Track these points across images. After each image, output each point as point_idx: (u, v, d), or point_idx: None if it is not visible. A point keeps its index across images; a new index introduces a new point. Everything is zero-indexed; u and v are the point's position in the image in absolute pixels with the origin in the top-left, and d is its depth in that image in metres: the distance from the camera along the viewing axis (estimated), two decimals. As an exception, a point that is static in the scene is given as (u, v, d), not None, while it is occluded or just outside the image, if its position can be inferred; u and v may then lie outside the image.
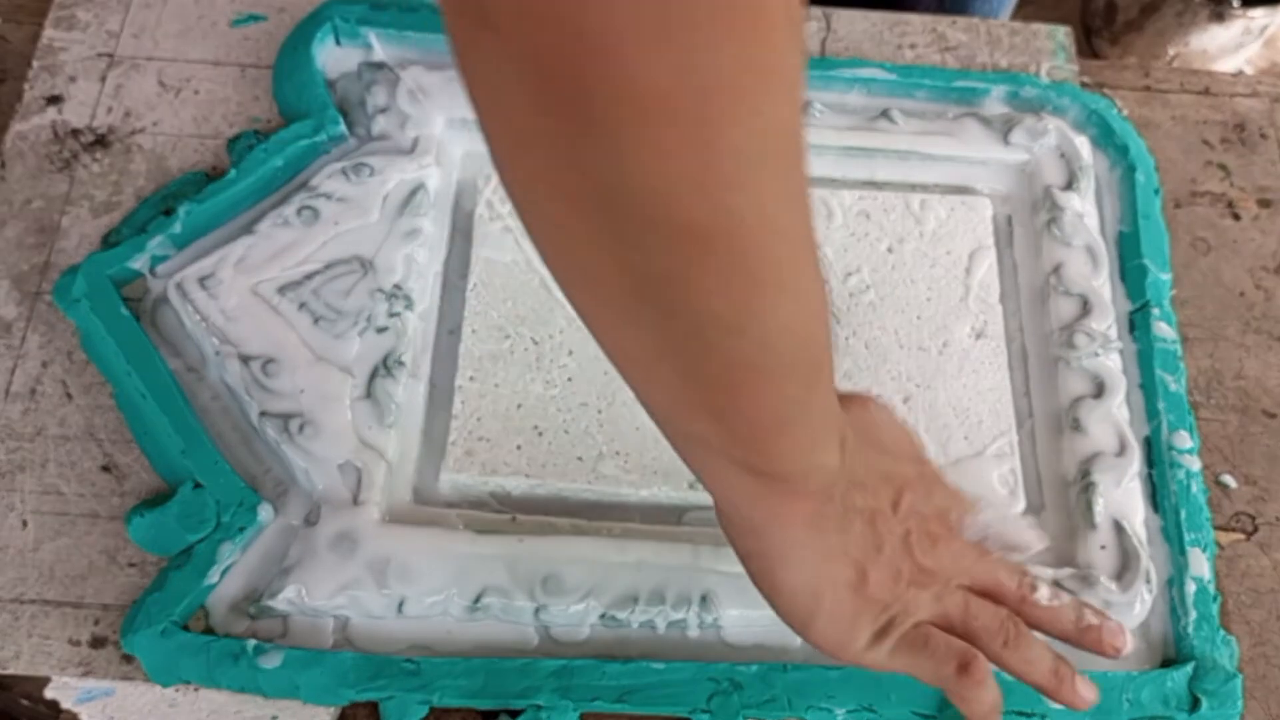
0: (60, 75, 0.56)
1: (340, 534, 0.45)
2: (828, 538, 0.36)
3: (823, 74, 0.57)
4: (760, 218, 0.26)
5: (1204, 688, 0.44)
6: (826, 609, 0.37)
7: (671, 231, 0.25)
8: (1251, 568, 0.49)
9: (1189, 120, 0.60)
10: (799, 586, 0.37)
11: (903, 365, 0.51)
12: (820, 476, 0.35)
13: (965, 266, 0.53)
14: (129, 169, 0.54)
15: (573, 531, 0.47)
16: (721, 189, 0.25)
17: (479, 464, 0.47)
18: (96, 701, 0.44)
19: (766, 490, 0.34)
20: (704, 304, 0.27)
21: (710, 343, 0.28)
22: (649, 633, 0.45)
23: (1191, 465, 0.49)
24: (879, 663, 0.38)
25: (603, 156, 0.24)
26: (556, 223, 0.27)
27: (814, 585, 0.36)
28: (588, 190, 0.25)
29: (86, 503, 0.47)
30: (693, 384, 0.30)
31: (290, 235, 0.50)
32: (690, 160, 0.24)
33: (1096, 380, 0.50)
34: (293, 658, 0.43)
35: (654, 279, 0.26)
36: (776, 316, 0.29)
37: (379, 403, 0.47)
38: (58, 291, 0.50)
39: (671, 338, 0.28)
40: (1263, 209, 0.58)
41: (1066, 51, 0.60)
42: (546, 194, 0.26)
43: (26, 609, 0.45)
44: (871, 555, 0.37)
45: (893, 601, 0.38)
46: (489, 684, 0.43)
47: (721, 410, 0.31)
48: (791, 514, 0.35)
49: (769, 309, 0.28)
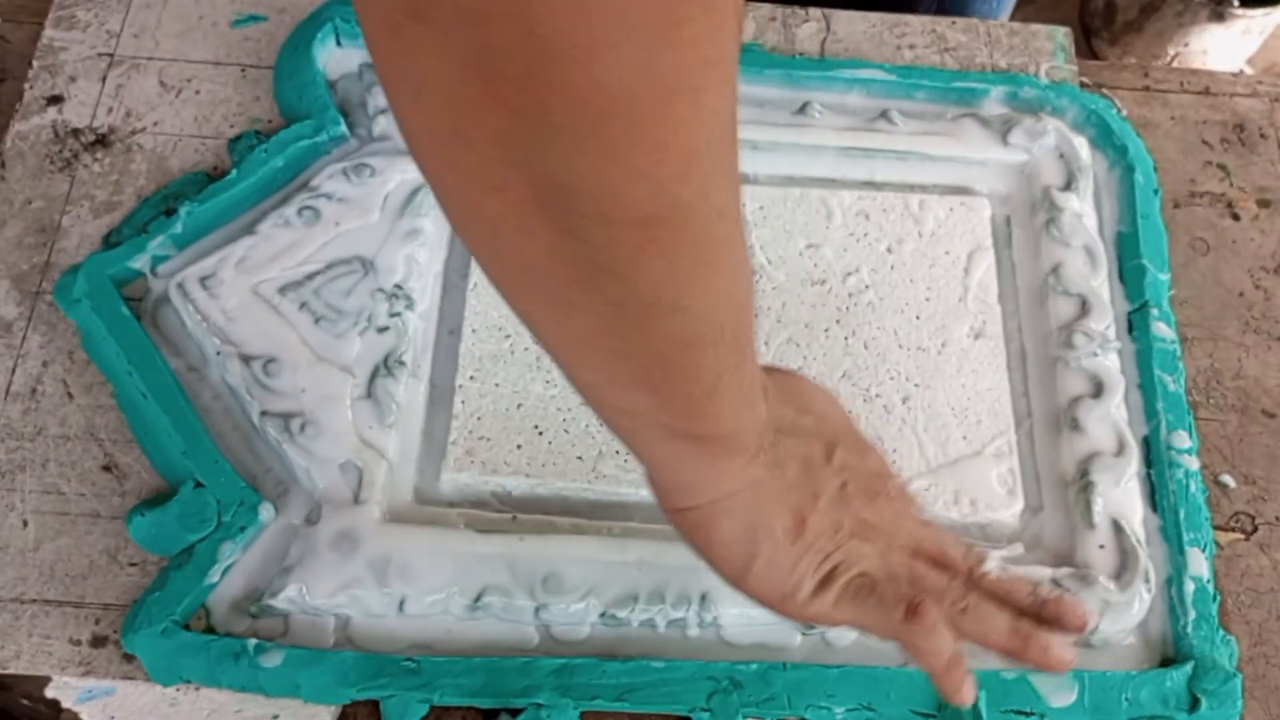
0: (61, 75, 0.56)
1: (341, 533, 0.45)
2: (762, 487, 0.36)
3: (822, 75, 0.57)
4: (705, 203, 0.26)
5: (1203, 687, 0.44)
6: (765, 555, 0.36)
7: (618, 224, 0.25)
8: (1251, 567, 0.49)
9: (1188, 120, 0.60)
10: (735, 535, 0.36)
11: (902, 365, 0.51)
12: (750, 433, 0.35)
13: (964, 267, 0.53)
14: (130, 169, 0.54)
15: (573, 531, 0.47)
16: (672, 181, 0.25)
17: (479, 463, 0.47)
18: (97, 701, 0.44)
19: (699, 451, 0.34)
20: (647, 288, 0.27)
21: (649, 322, 0.28)
22: (649, 632, 0.45)
23: (1190, 465, 0.49)
24: (824, 614, 0.37)
25: (550, 155, 0.23)
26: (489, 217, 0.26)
27: (751, 533, 0.36)
28: (530, 187, 0.24)
29: (87, 502, 0.47)
30: (628, 361, 0.30)
31: (291, 235, 0.50)
32: (643, 158, 0.24)
33: (1095, 380, 0.50)
34: (294, 657, 0.43)
35: (595, 268, 0.26)
36: (714, 290, 0.29)
37: (380, 402, 0.48)
38: (58, 291, 0.50)
39: (609, 321, 0.28)
40: (1262, 209, 0.58)
41: (1066, 52, 0.61)
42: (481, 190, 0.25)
43: (27, 609, 0.45)
44: (808, 501, 0.37)
45: (834, 550, 0.37)
46: (489, 683, 0.43)
47: (657, 383, 0.31)
48: (725, 470, 0.35)
49: (707, 284, 0.28)
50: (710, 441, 0.34)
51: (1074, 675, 0.44)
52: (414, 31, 0.22)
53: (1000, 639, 0.37)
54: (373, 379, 0.48)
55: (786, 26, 0.61)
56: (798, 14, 0.61)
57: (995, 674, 0.44)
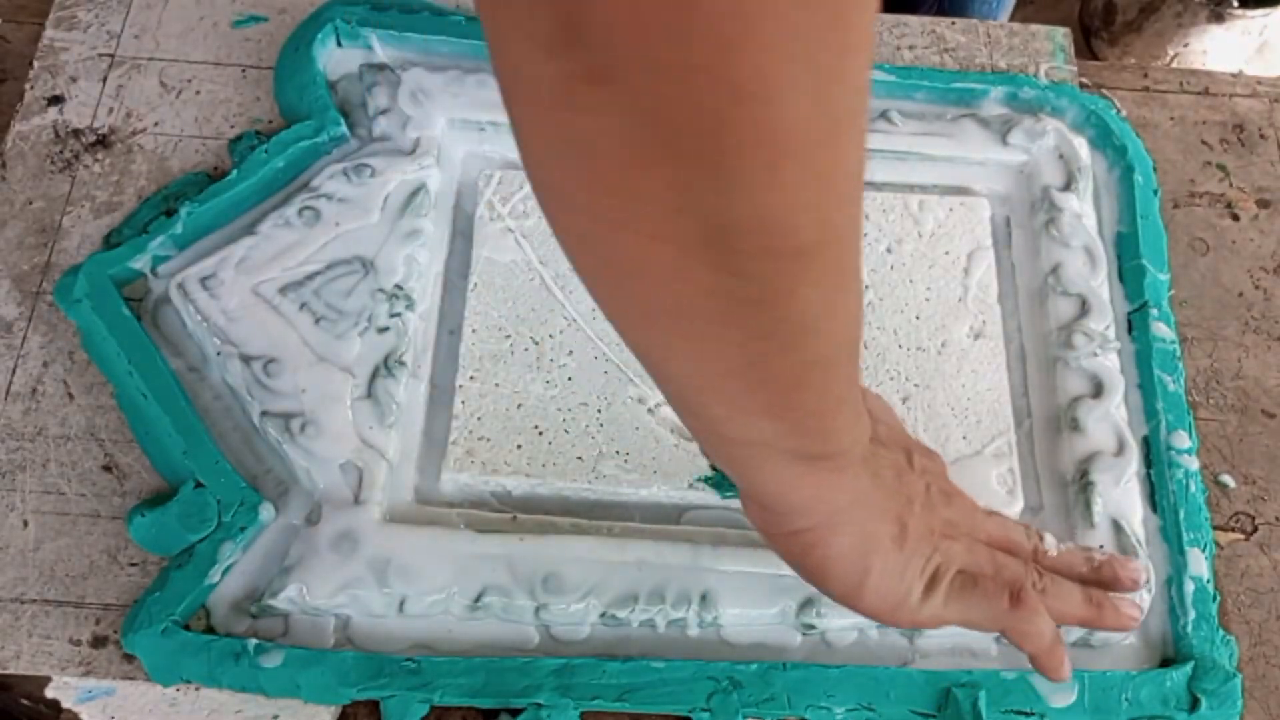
0: (61, 76, 0.56)
1: (341, 533, 0.45)
2: (868, 499, 0.37)
3: (822, 75, 0.57)
4: (855, 226, 0.27)
5: (1203, 687, 0.45)
6: (878, 566, 0.37)
7: (780, 256, 0.25)
8: (1251, 567, 0.49)
9: (1188, 121, 0.60)
10: (848, 552, 0.37)
11: (901, 365, 0.51)
12: (860, 446, 0.36)
13: (964, 267, 0.53)
14: (130, 169, 0.54)
15: (573, 531, 0.47)
16: (833, 209, 0.25)
17: (479, 463, 0.47)
18: (97, 701, 0.44)
19: (813, 469, 0.34)
20: (796, 316, 0.27)
21: (790, 348, 0.28)
22: (649, 632, 0.45)
23: (1190, 465, 0.49)
24: (936, 616, 0.38)
25: (725, 198, 0.23)
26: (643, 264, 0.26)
27: (862, 547, 0.37)
28: (698, 231, 0.24)
29: (88, 502, 0.47)
30: (763, 390, 0.30)
31: (291, 236, 0.51)
32: (812, 189, 0.24)
33: (1095, 380, 0.50)
34: (294, 657, 0.43)
35: (750, 302, 0.26)
36: (848, 311, 0.29)
37: (380, 402, 0.48)
38: (59, 291, 0.50)
39: (752, 353, 0.28)
40: (1262, 209, 0.58)
41: (1065, 52, 0.61)
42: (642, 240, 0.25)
43: (27, 609, 0.45)
44: (906, 508, 0.38)
45: (933, 553, 0.38)
46: (490, 683, 0.43)
47: (788, 407, 0.31)
48: (835, 486, 0.35)
49: (845, 305, 0.29)
50: (827, 459, 0.34)
51: (1074, 675, 0.44)
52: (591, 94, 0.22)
53: (1079, 610, 0.40)
54: (373, 379, 0.48)
55: (786, 27, 0.61)
56: (797, 14, 0.61)
57: (995, 674, 0.44)
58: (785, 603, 0.45)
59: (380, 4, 0.57)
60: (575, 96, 0.22)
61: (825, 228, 0.25)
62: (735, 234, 0.24)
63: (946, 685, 0.44)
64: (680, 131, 0.22)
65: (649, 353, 0.30)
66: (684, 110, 0.21)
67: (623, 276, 0.27)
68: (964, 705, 0.43)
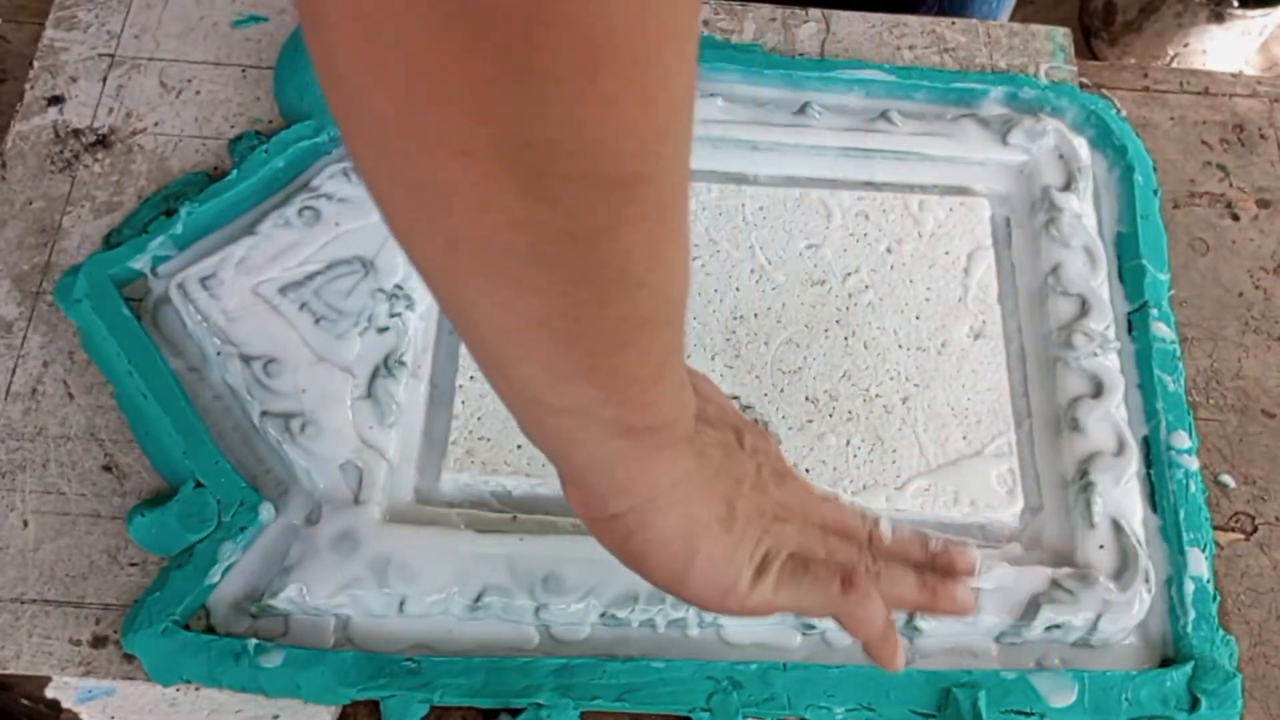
0: (61, 75, 0.56)
1: (341, 533, 0.45)
2: (693, 478, 0.34)
3: (822, 75, 0.57)
4: (680, 165, 0.25)
5: (1203, 687, 0.45)
6: (704, 550, 0.35)
7: (598, 185, 0.23)
8: (1251, 567, 0.49)
9: (1188, 121, 0.60)
10: (672, 535, 0.34)
11: (901, 365, 0.51)
12: (684, 421, 0.34)
13: (964, 267, 0.53)
14: (130, 169, 0.54)
15: (573, 530, 0.47)
16: (655, 139, 0.23)
17: (480, 463, 0.47)
18: (97, 701, 0.44)
19: (638, 444, 0.32)
20: (617, 259, 0.25)
21: (611, 300, 0.26)
22: (649, 631, 0.45)
23: (1190, 465, 0.49)
24: (766, 602, 0.36)
25: (534, 108, 0.21)
26: (444, 189, 0.23)
27: (687, 530, 0.35)
28: (503, 147, 0.22)
29: (88, 502, 0.47)
30: (578, 347, 0.28)
31: (291, 236, 0.51)
32: (634, 109, 0.22)
33: (1095, 380, 0.50)
34: (294, 657, 0.43)
35: (564, 238, 0.24)
36: (673, 263, 0.28)
37: (380, 402, 0.48)
38: (59, 291, 0.50)
39: (566, 301, 0.26)
40: (1262, 209, 0.58)
41: (1065, 52, 0.61)
42: (442, 157, 0.22)
43: (27, 609, 0.45)
44: (734, 489, 0.36)
45: (763, 535, 0.36)
46: (490, 683, 0.43)
47: (607, 370, 0.29)
48: (658, 464, 0.33)
49: (670, 257, 0.27)
50: (649, 433, 0.32)
51: (1074, 675, 0.44)
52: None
53: (913, 595, 0.38)
54: (373, 379, 0.48)
55: (786, 27, 0.61)
56: (797, 14, 0.61)
57: (995, 674, 0.44)
58: (785, 603, 0.45)
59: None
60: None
61: (649, 159, 0.23)
62: (547, 153, 0.22)
63: (946, 685, 0.44)
64: (488, 17, 0.19)
65: (453, 296, 0.27)
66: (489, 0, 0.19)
67: (424, 202, 0.24)
68: (964, 705, 0.43)
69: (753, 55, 0.58)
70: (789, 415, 0.49)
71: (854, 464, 0.48)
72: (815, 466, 0.48)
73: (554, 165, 0.22)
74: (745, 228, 0.53)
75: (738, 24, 0.61)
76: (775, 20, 0.61)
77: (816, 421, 0.49)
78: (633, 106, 0.22)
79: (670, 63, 0.22)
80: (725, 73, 0.57)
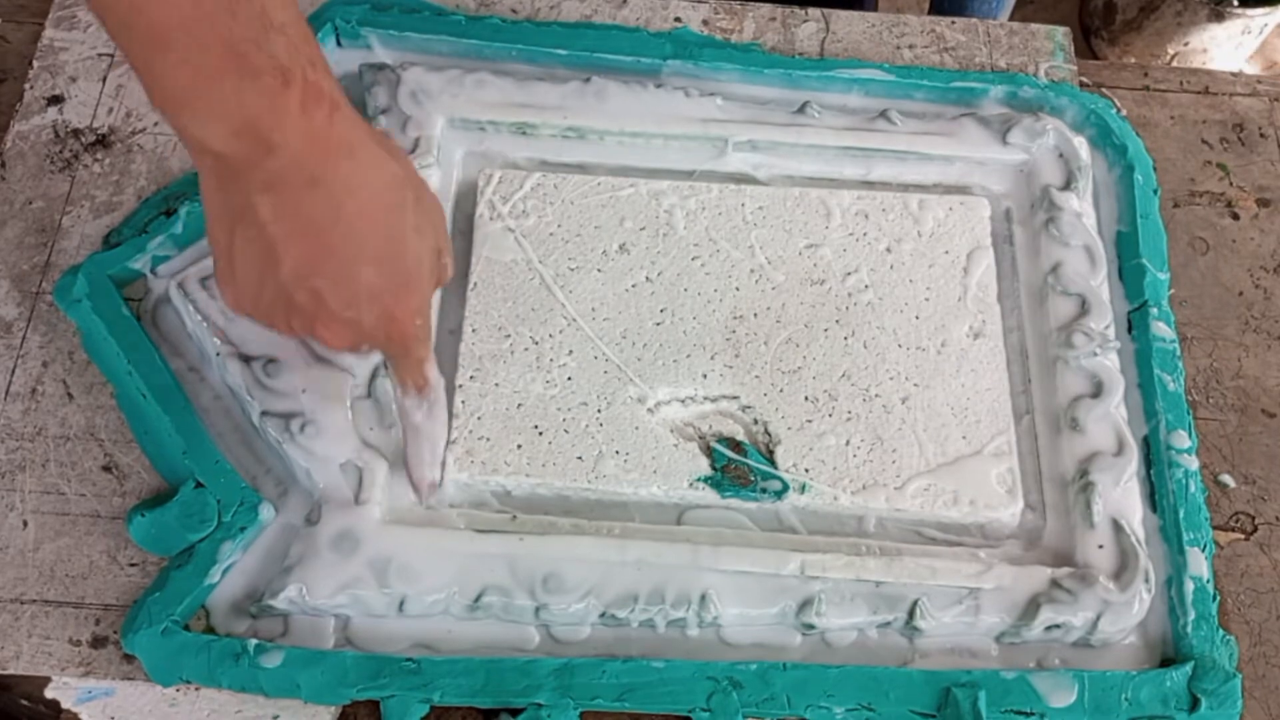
0: (61, 75, 0.56)
1: (341, 533, 0.45)
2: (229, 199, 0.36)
3: (822, 75, 0.57)
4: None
5: (1203, 687, 0.44)
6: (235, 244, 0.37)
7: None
8: (1251, 567, 0.49)
9: (1188, 120, 0.60)
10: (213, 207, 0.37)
11: (901, 365, 0.51)
12: (308, 104, 0.35)
13: (963, 266, 0.53)
14: (130, 169, 0.54)
15: (573, 531, 0.47)
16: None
17: (479, 463, 0.47)
18: (97, 701, 0.44)
19: (238, 79, 0.34)
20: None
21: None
22: (649, 632, 0.45)
23: (1190, 465, 0.49)
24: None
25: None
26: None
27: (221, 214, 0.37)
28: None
29: (87, 502, 0.47)
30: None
31: (291, 235, 0.50)
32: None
33: (1095, 380, 0.50)
34: (294, 657, 0.43)
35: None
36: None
37: (380, 402, 0.48)
38: (59, 291, 0.50)
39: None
40: (1262, 208, 0.58)
41: (1065, 52, 0.61)
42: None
43: (27, 609, 0.45)
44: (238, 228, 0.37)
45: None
46: (490, 682, 0.43)
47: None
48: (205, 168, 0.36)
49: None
50: (261, 74, 0.34)
51: (1074, 675, 0.44)
52: None
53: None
54: (373, 379, 0.48)
55: (786, 27, 0.61)
56: (797, 14, 0.61)
57: (995, 674, 0.44)
58: (785, 603, 0.45)
59: (380, 4, 0.57)
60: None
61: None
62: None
63: (946, 685, 0.44)
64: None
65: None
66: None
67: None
68: (964, 705, 0.43)
69: (753, 55, 0.58)
70: (789, 415, 0.49)
71: (854, 464, 0.48)
72: (815, 466, 0.48)
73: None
74: (745, 228, 0.53)
75: (738, 24, 0.61)
76: (775, 20, 0.61)
77: (816, 421, 0.49)
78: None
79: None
80: (725, 72, 0.57)
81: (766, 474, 0.48)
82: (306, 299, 0.37)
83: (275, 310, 0.38)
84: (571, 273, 0.52)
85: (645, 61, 0.57)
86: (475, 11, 0.59)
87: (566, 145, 0.55)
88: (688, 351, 0.50)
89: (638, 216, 0.53)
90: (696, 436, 0.49)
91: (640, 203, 0.54)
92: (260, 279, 0.37)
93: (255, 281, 0.38)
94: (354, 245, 0.37)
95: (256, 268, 0.37)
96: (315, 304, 0.38)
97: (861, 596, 0.45)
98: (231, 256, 0.38)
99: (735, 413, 0.49)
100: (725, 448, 0.48)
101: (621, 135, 0.55)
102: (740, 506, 0.48)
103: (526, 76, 0.56)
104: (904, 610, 0.45)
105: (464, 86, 0.55)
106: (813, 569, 0.45)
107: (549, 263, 0.52)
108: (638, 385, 0.49)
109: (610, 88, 0.56)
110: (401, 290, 0.38)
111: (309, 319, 0.38)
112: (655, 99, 0.56)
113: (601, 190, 0.54)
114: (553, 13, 0.60)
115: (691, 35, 0.59)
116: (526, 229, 0.53)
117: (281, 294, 0.37)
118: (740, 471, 0.48)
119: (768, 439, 0.49)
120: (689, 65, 0.57)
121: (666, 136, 0.55)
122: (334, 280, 0.37)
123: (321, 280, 0.37)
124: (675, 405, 0.49)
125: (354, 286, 0.37)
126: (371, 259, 0.37)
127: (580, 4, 0.60)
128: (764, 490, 0.47)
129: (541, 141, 0.55)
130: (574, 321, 0.51)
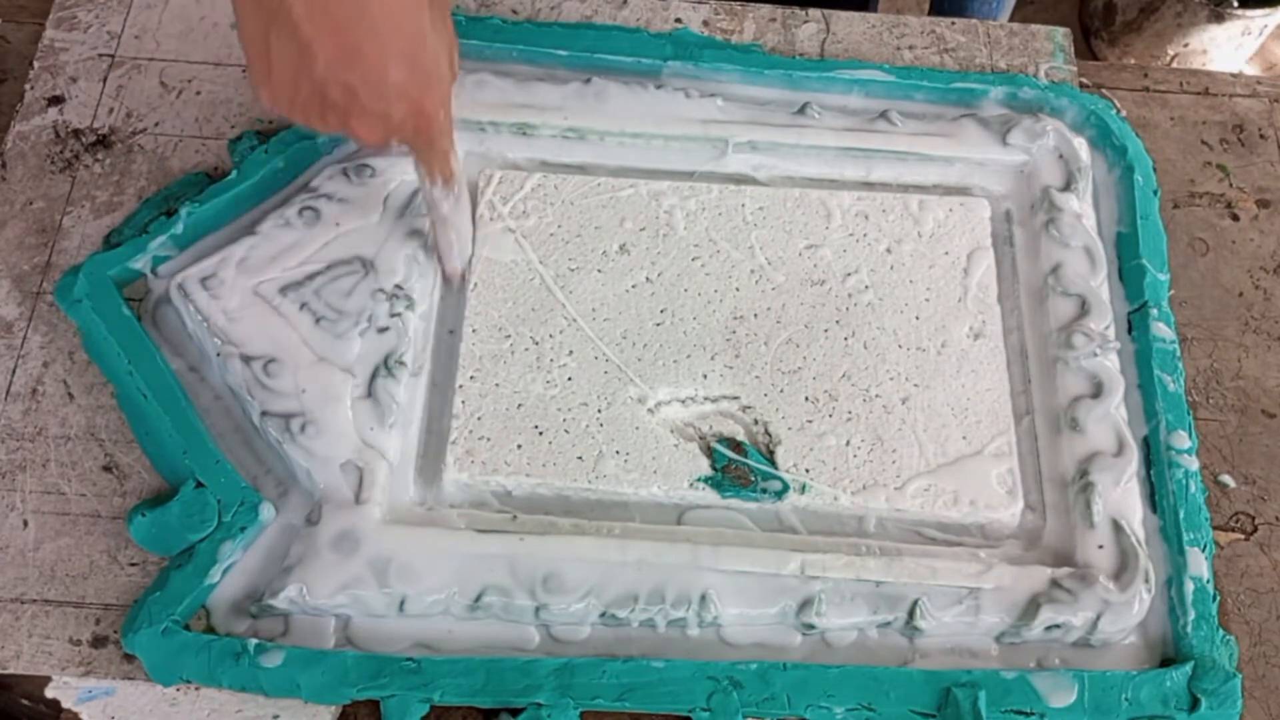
0: (61, 76, 0.56)
1: (342, 533, 0.45)
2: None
3: (822, 76, 0.57)
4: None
5: (1203, 687, 0.45)
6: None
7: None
8: (1251, 567, 0.49)
9: (1188, 121, 0.60)
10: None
11: (901, 365, 0.51)
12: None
13: (963, 267, 0.53)
14: (130, 169, 0.54)
15: (573, 531, 0.47)
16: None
17: (480, 463, 0.47)
18: (97, 701, 0.44)
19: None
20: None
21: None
22: (649, 631, 0.45)
23: (1190, 465, 0.49)
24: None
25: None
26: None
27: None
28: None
29: (88, 502, 0.47)
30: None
31: (292, 236, 0.51)
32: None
33: (1095, 380, 0.50)
34: (294, 656, 0.43)
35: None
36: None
37: (380, 402, 0.48)
38: (59, 291, 0.50)
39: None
40: (1262, 209, 0.58)
41: (1065, 53, 0.61)
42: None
43: (27, 609, 0.45)
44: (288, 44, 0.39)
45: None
46: (490, 682, 0.43)
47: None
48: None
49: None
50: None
51: (1074, 675, 0.44)
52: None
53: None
54: (373, 379, 0.48)
55: (786, 27, 0.61)
56: (797, 15, 0.61)
57: (995, 674, 0.44)
58: (785, 603, 0.45)
59: (380, 4, 0.57)
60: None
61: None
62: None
63: (946, 685, 0.44)
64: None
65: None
66: None
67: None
68: (964, 705, 0.43)
69: (753, 55, 0.58)
70: (789, 415, 0.49)
71: (854, 464, 0.48)
72: (815, 466, 0.48)
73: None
74: (745, 228, 0.54)
75: (738, 24, 0.61)
76: (775, 20, 0.61)
77: (816, 421, 0.49)
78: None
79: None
80: (725, 73, 0.57)
81: (767, 474, 0.48)
82: (340, 95, 0.40)
83: (311, 106, 0.40)
84: (572, 273, 0.52)
85: (645, 62, 0.57)
86: (475, 12, 0.59)
87: (567, 146, 0.55)
88: (688, 352, 0.50)
89: (638, 217, 0.53)
90: (697, 437, 0.49)
91: (640, 203, 0.54)
92: (296, 76, 0.39)
93: (291, 80, 0.40)
94: (380, 43, 0.39)
95: (293, 65, 0.39)
96: (349, 99, 0.40)
97: (861, 596, 0.45)
98: (268, 56, 0.39)
99: (735, 413, 0.49)
100: (725, 448, 0.48)
101: (622, 136, 0.55)
102: (740, 506, 0.48)
103: (527, 77, 0.56)
104: (904, 610, 0.45)
105: (464, 87, 0.55)
106: (813, 569, 0.45)
107: (549, 263, 0.52)
108: (638, 385, 0.49)
109: (610, 88, 0.56)
110: (425, 85, 0.41)
111: (343, 113, 0.40)
112: (655, 100, 0.56)
113: (602, 191, 0.54)
114: (553, 13, 0.60)
115: (692, 36, 0.59)
116: (527, 229, 0.53)
117: (317, 91, 0.40)
118: (740, 472, 0.48)
119: (768, 439, 0.49)
120: (689, 66, 0.57)
121: (667, 137, 0.55)
122: (364, 76, 0.40)
123: (353, 75, 0.39)
124: (675, 405, 0.49)
125: (383, 82, 0.40)
126: (397, 55, 0.40)
127: (580, 5, 0.60)
128: (764, 490, 0.47)
129: (542, 142, 0.55)
130: (574, 322, 0.51)
